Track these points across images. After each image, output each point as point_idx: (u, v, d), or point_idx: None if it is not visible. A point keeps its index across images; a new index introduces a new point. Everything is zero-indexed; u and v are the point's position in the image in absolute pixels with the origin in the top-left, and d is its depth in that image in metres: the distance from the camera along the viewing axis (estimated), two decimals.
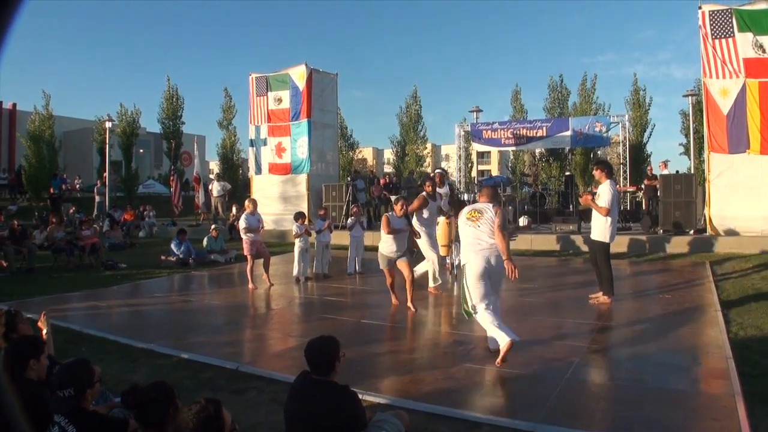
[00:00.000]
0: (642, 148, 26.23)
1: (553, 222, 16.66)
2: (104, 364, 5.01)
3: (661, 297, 8.81)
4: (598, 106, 26.89)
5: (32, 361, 3.38)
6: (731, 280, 9.91)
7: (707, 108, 14.44)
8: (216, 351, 6.29)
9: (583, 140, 20.69)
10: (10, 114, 41.17)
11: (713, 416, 4.24)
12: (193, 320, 8.38)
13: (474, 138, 21.98)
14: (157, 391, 2.90)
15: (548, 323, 7.35)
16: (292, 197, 19.70)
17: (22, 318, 4.33)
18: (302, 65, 19.74)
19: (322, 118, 20.83)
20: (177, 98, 32.40)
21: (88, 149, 36.13)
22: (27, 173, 30.08)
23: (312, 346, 3.44)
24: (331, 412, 3.26)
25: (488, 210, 5.99)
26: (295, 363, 5.90)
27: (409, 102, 31.80)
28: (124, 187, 30.87)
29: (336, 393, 3.35)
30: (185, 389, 4.87)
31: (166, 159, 36.08)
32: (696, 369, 5.50)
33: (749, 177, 13.70)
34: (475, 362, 5.78)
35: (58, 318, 7.41)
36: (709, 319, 7.25)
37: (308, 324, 7.89)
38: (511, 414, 4.33)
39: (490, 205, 6.07)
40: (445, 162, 70.59)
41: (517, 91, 29.06)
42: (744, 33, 13.84)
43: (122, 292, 10.68)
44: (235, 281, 12.00)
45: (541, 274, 11.59)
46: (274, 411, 4.41)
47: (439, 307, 8.72)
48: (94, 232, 14.98)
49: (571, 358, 5.73)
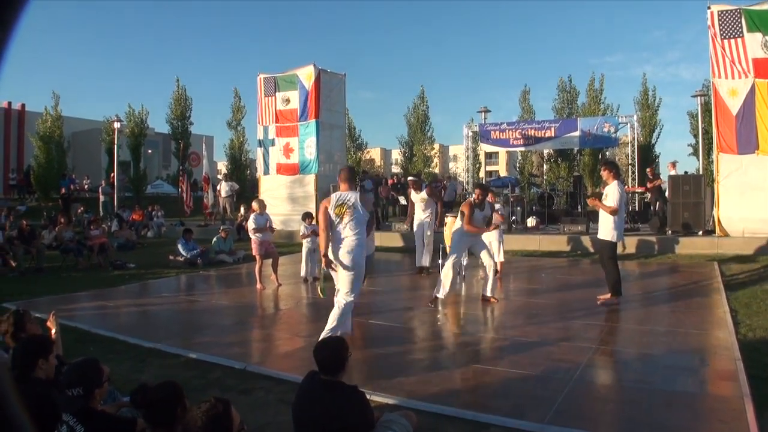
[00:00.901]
0: (650, 148, 26.15)
1: (562, 223, 16.63)
2: (113, 363, 5.03)
3: (670, 298, 8.78)
4: (606, 106, 26.85)
5: (41, 361, 3.39)
6: (740, 282, 9.86)
7: (716, 108, 14.37)
8: (224, 351, 6.31)
9: (591, 141, 20.66)
10: (19, 115, 41.37)
11: (721, 418, 4.22)
12: (201, 320, 8.41)
13: (482, 138, 21.98)
14: (166, 391, 2.91)
15: (556, 324, 7.32)
16: (300, 198, 19.73)
17: (30, 318, 4.35)
18: (310, 66, 19.76)
19: (330, 119, 20.85)
20: (185, 99, 32.54)
21: (97, 150, 36.24)
22: (36, 173, 30.23)
23: (321, 347, 3.45)
24: (340, 412, 3.27)
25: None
26: (303, 363, 5.91)
27: (416, 102, 31.85)
28: (133, 188, 30.99)
29: (344, 393, 3.35)
30: (193, 389, 4.88)
31: (174, 159, 36.19)
32: (704, 371, 5.47)
33: (758, 178, 13.62)
34: (482, 363, 5.77)
35: (67, 318, 7.45)
36: (717, 321, 7.22)
37: (316, 324, 7.86)
38: (518, 415, 4.32)
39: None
40: (453, 162, 70.62)
41: (525, 92, 29.09)
42: (753, 33, 13.76)
43: (130, 292, 10.72)
44: (243, 281, 12.03)
45: (549, 274, 11.57)
46: (281, 411, 4.41)
47: (446, 308, 8.71)
48: (102, 232, 15.05)
49: (579, 359, 5.71)
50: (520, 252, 14.48)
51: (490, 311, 8.44)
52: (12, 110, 41.07)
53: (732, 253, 12.94)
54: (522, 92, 29.12)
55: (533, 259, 13.73)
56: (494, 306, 8.50)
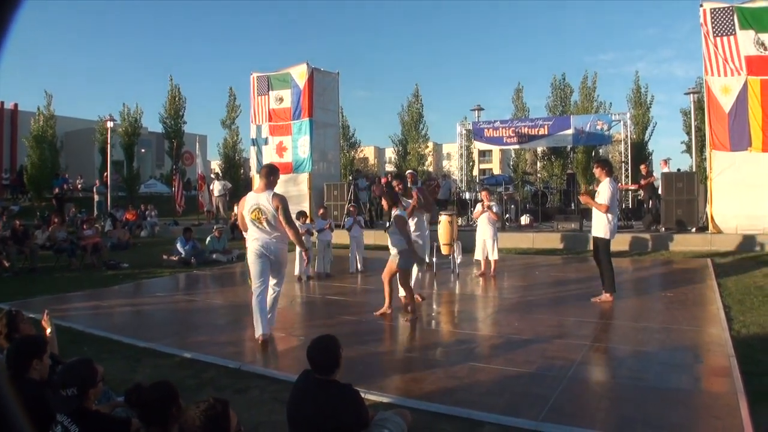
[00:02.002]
0: (644, 146, 26.20)
1: (555, 220, 16.69)
2: (107, 363, 5.01)
3: (663, 295, 8.80)
4: (599, 104, 26.87)
5: (35, 361, 3.38)
6: (733, 278, 9.89)
7: (709, 106, 14.42)
8: (218, 350, 6.30)
9: (584, 138, 20.69)
10: (12, 114, 41.20)
11: (715, 415, 4.24)
12: (195, 319, 8.39)
13: (476, 136, 21.97)
14: (160, 391, 2.91)
15: (550, 321, 7.34)
16: (293, 197, 19.63)
17: (23, 318, 4.33)
18: (303, 64, 19.75)
19: (324, 117, 20.84)
20: (179, 98, 32.45)
21: (90, 149, 36.12)
22: (29, 173, 30.09)
23: (314, 346, 3.44)
24: (335, 411, 3.27)
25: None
26: (297, 362, 5.91)
27: (410, 101, 31.83)
28: (126, 187, 30.89)
29: (339, 392, 3.35)
30: (188, 388, 4.88)
31: (167, 158, 36.09)
32: (698, 367, 5.49)
33: (751, 174, 13.67)
34: (477, 361, 5.78)
35: (61, 318, 7.42)
36: (711, 317, 7.24)
37: (310, 323, 7.89)
38: (513, 413, 4.33)
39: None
40: (447, 161, 70.61)
41: (518, 90, 29.06)
42: (745, 30, 13.82)
43: (124, 292, 10.69)
44: (237, 280, 11.99)
45: (542, 272, 11.60)
46: (276, 410, 4.41)
47: (440, 306, 8.72)
48: (95, 231, 15.00)
49: (573, 356, 5.73)
50: (513, 250, 14.51)
51: (484, 309, 8.46)
52: (5, 110, 40.89)
53: (725, 249, 13.00)
54: (515, 90, 29.12)
55: (527, 257, 13.76)
56: (488, 304, 8.51)
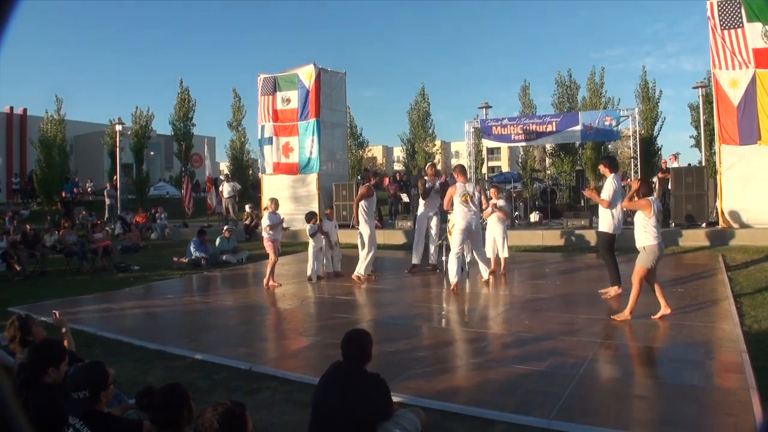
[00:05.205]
0: (653, 141, 26.01)
1: (565, 217, 16.60)
2: (118, 366, 5.05)
3: (674, 291, 8.75)
4: (607, 100, 26.67)
5: (51, 369, 3.40)
6: (744, 273, 9.83)
7: (717, 99, 14.32)
8: (229, 352, 6.33)
9: (593, 135, 20.54)
10: (21, 119, 41.46)
11: (728, 411, 4.22)
12: (206, 321, 8.42)
13: (484, 134, 21.88)
14: (172, 393, 2.92)
15: (560, 319, 7.32)
16: (302, 197, 19.72)
17: (34, 321, 4.37)
18: (310, 65, 19.75)
19: (331, 118, 20.84)
20: (189, 100, 32.52)
21: (99, 153, 36.26)
22: (38, 178, 30.26)
23: (349, 338, 3.61)
24: (369, 399, 3.39)
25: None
26: (309, 363, 5.94)
27: (417, 99, 31.77)
28: (136, 190, 31.00)
29: (372, 381, 3.50)
30: (199, 390, 4.90)
31: (176, 161, 36.17)
32: (710, 363, 5.46)
33: (761, 168, 13.56)
34: (487, 359, 5.77)
35: (72, 321, 7.44)
36: (722, 313, 7.20)
37: (321, 323, 7.90)
38: (524, 411, 4.32)
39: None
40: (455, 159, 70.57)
41: (525, 87, 28.91)
42: (753, 23, 13.69)
43: (135, 294, 10.74)
44: (247, 282, 12.03)
45: (552, 269, 11.57)
46: (287, 411, 4.43)
47: (452, 305, 8.72)
48: (106, 234, 15.07)
49: (584, 353, 5.71)
50: (523, 247, 14.46)
51: (494, 307, 8.45)
52: (14, 115, 41.16)
53: (736, 244, 12.91)
54: (522, 88, 28.95)
55: (537, 255, 13.72)
56: (499, 302, 8.51)
